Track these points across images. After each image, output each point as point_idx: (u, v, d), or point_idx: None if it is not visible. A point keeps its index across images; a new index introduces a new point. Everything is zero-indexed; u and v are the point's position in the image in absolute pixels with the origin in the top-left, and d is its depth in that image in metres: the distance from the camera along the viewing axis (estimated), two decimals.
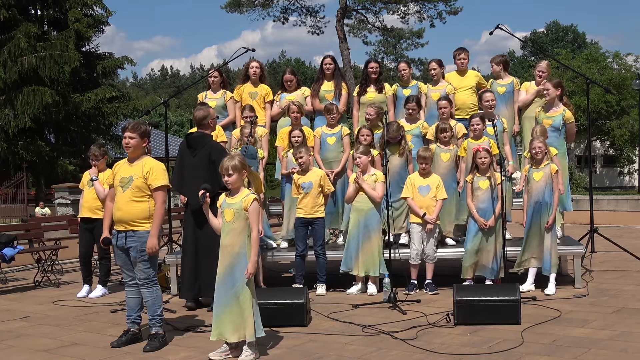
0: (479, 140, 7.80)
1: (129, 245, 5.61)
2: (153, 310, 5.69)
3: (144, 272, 5.64)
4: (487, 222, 7.31)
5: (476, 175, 7.44)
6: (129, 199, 5.58)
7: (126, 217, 5.59)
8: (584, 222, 10.94)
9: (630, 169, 38.05)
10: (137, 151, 5.69)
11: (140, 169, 5.61)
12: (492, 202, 7.36)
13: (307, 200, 7.59)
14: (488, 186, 7.35)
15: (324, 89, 8.98)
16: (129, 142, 5.63)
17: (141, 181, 5.58)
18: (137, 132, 5.64)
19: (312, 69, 63.83)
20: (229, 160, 5.26)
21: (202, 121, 7.11)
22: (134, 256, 5.62)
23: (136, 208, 5.58)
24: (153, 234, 5.57)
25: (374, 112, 8.22)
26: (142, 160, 5.68)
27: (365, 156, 7.50)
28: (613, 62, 35.57)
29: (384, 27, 38.32)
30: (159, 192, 5.62)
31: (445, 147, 7.98)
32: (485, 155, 7.33)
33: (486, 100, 8.14)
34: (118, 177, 5.67)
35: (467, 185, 7.50)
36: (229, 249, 5.21)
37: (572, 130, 8.30)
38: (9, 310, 7.49)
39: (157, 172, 5.63)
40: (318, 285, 7.61)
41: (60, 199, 17.55)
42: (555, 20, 62.83)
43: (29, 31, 21.55)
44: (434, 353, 5.15)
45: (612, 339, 5.38)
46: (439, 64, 8.82)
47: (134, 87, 69.64)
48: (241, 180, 5.28)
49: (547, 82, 8.12)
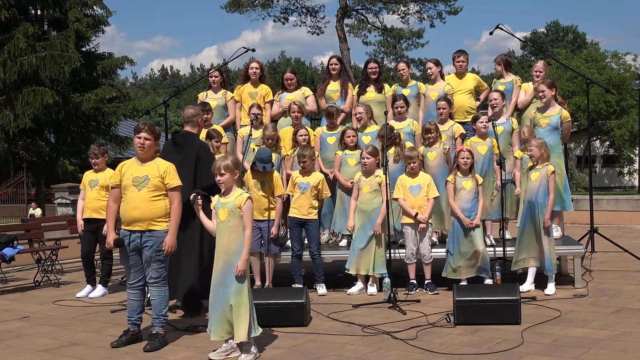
0: (483, 139, 7.81)
1: (144, 245, 5.60)
2: (159, 310, 5.70)
3: (157, 271, 5.65)
4: (472, 222, 7.33)
5: (458, 175, 7.46)
6: (146, 198, 5.58)
7: (144, 216, 5.58)
8: (584, 222, 10.95)
9: (630, 169, 38.04)
10: (150, 152, 5.73)
11: (156, 169, 5.65)
12: (475, 202, 7.40)
13: (302, 201, 7.58)
14: (472, 186, 7.40)
15: (330, 89, 9.01)
16: (145, 143, 5.66)
17: (158, 180, 5.62)
18: (153, 134, 5.71)
19: (312, 69, 63.86)
20: (222, 160, 5.29)
21: (191, 119, 7.00)
22: (149, 255, 5.61)
23: (155, 207, 5.59)
24: (172, 233, 5.60)
25: (364, 111, 8.26)
26: (155, 160, 5.74)
27: (374, 158, 7.51)
28: (612, 61, 35.55)
29: (384, 27, 38.31)
30: (176, 192, 5.68)
31: (431, 147, 7.99)
32: (468, 156, 7.41)
33: (490, 99, 8.20)
34: (129, 177, 5.66)
35: (449, 186, 7.51)
36: (225, 248, 5.21)
37: (568, 130, 8.33)
38: (9, 310, 7.49)
39: (173, 172, 5.71)
40: (318, 285, 7.61)
41: (60, 199, 17.57)
42: (555, 21, 62.86)
43: (28, 31, 21.53)
44: (434, 353, 5.15)
45: (612, 339, 5.38)
46: (435, 63, 8.84)
47: (134, 87, 69.58)
48: (233, 180, 5.30)
49: (541, 84, 8.14)
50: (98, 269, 8.65)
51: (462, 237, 7.39)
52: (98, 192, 8.12)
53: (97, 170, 8.26)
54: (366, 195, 7.53)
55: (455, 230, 7.44)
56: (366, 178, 7.57)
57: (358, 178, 7.63)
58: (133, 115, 24.28)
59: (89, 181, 8.22)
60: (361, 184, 7.58)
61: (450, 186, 7.49)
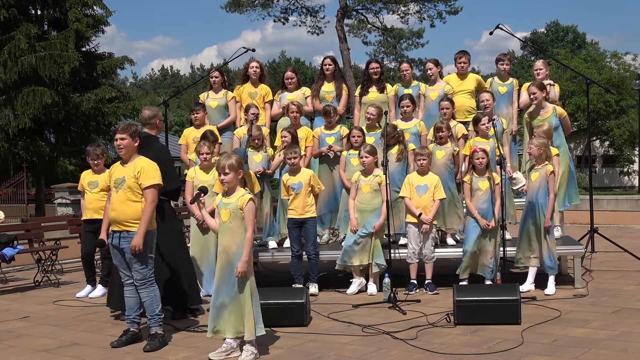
0: (486, 139, 7.82)
1: (122, 246, 5.65)
2: (151, 310, 5.69)
3: (139, 272, 5.64)
4: (489, 223, 7.32)
5: (474, 175, 7.44)
6: (122, 199, 5.62)
7: (120, 217, 5.63)
8: (584, 222, 10.96)
9: (629, 169, 38.01)
10: (130, 152, 5.72)
11: (132, 169, 5.65)
12: (492, 202, 7.38)
13: (298, 201, 7.58)
14: (488, 187, 7.37)
15: (325, 90, 8.98)
16: (121, 143, 5.67)
17: (133, 181, 5.62)
18: (127, 133, 5.68)
19: (312, 69, 63.79)
20: (226, 159, 5.28)
21: (148, 120, 6.74)
22: (128, 257, 5.64)
23: (129, 208, 5.61)
24: (139, 233, 5.56)
25: (375, 112, 8.23)
26: (135, 160, 5.72)
27: (372, 157, 7.50)
28: (611, 61, 35.55)
29: (384, 27, 38.30)
30: (149, 190, 5.63)
31: (441, 146, 7.99)
32: (483, 156, 7.35)
33: (481, 100, 8.21)
34: (113, 179, 5.73)
35: (466, 186, 7.49)
36: (227, 249, 5.21)
37: (568, 123, 8.38)
38: (9, 310, 7.49)
39: (148, 171, 5.66)
40: (310, 284, 7.59)
41: (60, 199, 17.56)
42: (555, 21, 62.84)
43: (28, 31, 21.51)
44: (434, 353, 5.15)
45: (612, 339, 5.38)
46: (435, 63, 8.84)
47: (134, 87, 69.52)
48: (237, 180, 5.29)
49: (532, 86, 8.15)
50: (98, 269, 8.65)
51: (478, 238, 7.36)
52: (98, 193, 8.11)
53: (96, 172, 8.24)
54: (366, 195, 7.52)
55: (471, 230, 7.42)
56: (365, 177, 7.56)
57: (357, 177, 7.63)
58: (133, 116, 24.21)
59: (88, 183, 8.20)
60: (360, 183, 7.57)
61: (467, 186, 7.47)
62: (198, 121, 8.58)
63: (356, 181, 7.61)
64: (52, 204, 20.00)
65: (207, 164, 7.59)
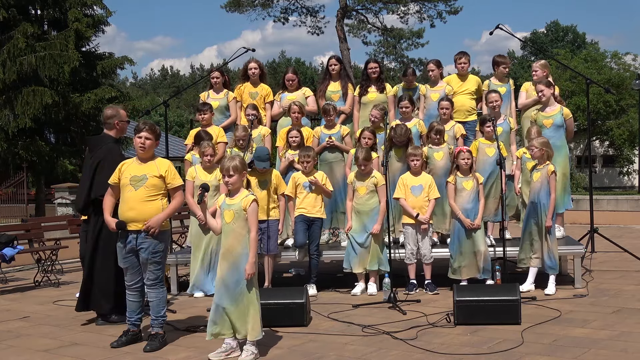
0: (491, 141, 7.81)
1: (140, 247, 5.57)
2: (157, 311, 5.69)
3: (154, 273, 5.63)
4: (473, 223, 7.33)
5: (458, 175, 7.46)
6: (142, 198, 5.56)
7: (140, 216, 5.54)
8: (584, 222, 10.95)
9: (629, 169, 38.02)
10: (150, 151, 5.71)
11: (156, 168, 5.63)
12: (476, 202, 7.40)
13: (308, 201, 7.59)
14: (472, 186, 7.39)
15: (331, 90, 8.99)
16: (145, 142, 5.64)
17: (157, 180, 5.60)
18: (153, 134, 5.69)
19: (312, 69, 63.81)
20: (230, 161, 5.25)
21: (107, 120, 6.60)
22: (145, 257, 5.58)
23: (151, 207, 5.57)
24: (159, 216, 5.54)
25: (379, 115, 8.22)
26: (155, 160, 5.72)
27: (369, 162, 7.46)
28: (611, 61, 35.55)
29: (384, 27, 38.30)
30: (180, 191, 5.70)
31: (437, 147, 7.99)
32: (469, 157, 7.42)
33: (490, 100, 8.17)
34: (127, 176, 5.63)
35: (450, 187, 7.50)
36: (231, 250, 5.20)
37: (571, 127, 8.36)
38: (9, 310, 7.50)
39: (175, 172, 5.71)
40: (309, 286, 7.57)
41: (60, 199, 17.60)
42: (555, 21, 62.75)
43: (28, 31, 21.51)
44: (434, 353, 5.15)
45: (612, 339, 5.38)
46: (437, 64, 8.84)
47: (134, 87, 69.51)
48: (241, 181, 5.27)
49: (539, 84, 8.15)
50: None
51: (463, 238, 7.39)
52: None
53: None
54: (362, 196, 7.50)
55: (457, 231, 7.44)
56: (361, 179, 7.53)
57: (352, 179, 7.61)
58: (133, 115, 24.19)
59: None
60: (357, 185, 7.55)
61: (450, 187, 7.49)
62: (205, 122, 8.54)
63: (352, 182, 7.60)
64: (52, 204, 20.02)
65: (209, 165, 7.62)
